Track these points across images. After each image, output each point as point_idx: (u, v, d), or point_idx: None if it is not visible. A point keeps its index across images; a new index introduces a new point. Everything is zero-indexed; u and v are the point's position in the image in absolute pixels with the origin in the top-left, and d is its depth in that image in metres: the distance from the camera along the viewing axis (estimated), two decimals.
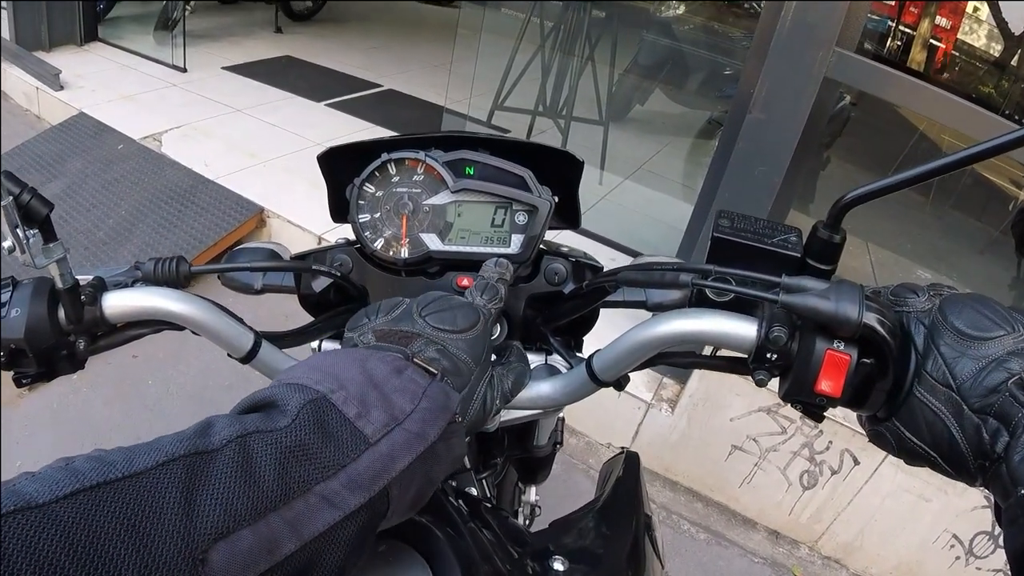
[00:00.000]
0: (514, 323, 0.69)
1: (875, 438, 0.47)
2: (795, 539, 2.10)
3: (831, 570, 2.04)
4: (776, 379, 0.49)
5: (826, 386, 0.44)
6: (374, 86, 4.64)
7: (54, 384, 0.58)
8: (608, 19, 3.80)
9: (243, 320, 0.59)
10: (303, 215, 2.83)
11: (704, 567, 1.98)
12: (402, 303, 0.53)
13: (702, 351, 0.59)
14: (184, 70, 4.33)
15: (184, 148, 3.32)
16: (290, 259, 0.69)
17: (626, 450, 0.83)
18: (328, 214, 0.72)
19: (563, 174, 0.67)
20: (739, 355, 0.50)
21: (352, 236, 0.68)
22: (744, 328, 0.47)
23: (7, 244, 0.49)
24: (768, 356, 0.47)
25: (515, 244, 0.66)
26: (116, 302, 0.54)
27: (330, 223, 0.75)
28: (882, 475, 1.88)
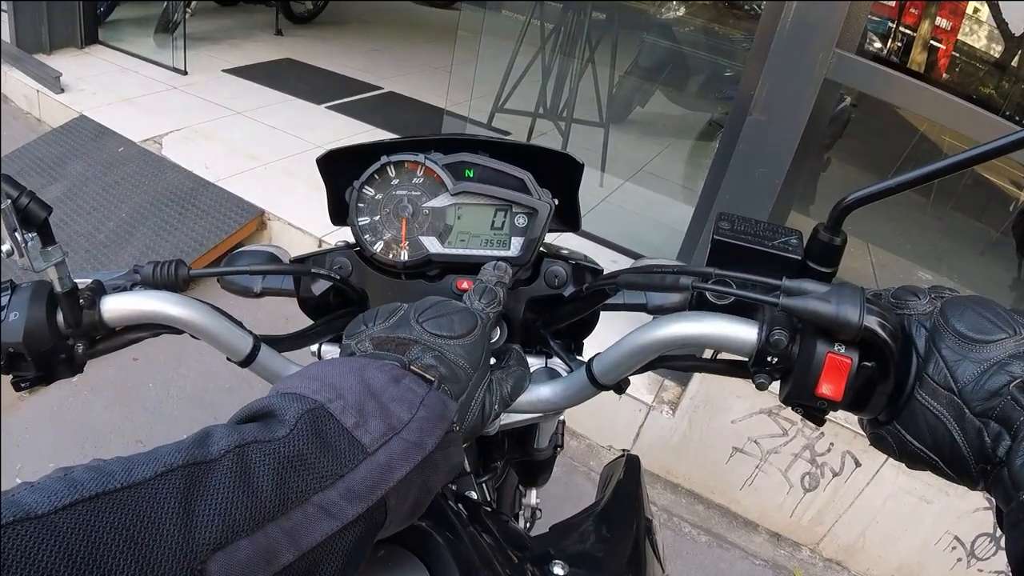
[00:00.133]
0: (514, 326, 0.69)
1: (876, 442, 0.47)
2: (796, 541, 2.09)
3: (832, 572, 2.04)
4: (777, 382, 0.49)
5: (827, 389, 0.44)
6: (374, 88, 4.64)
7: (54, 387, 0.58)
8: (608, 21, 3.80)
9: (242, 324, 0.59)
10: (304, 217, 2.83)
11: (705, 569, 1.98)
12: (400, 309, 0.53)
13: (702, 354, 0.58)
14: (184, 73, 4.34)
15: (185, 151, 3.32)
16: (289, 262, 0.69)
17: (627, 453, 0.82)
18: (328, 217, 0.72)
19: (563, 176, 0.67)
20: (740, 358, 0.50)
21: (352, 239, 0.68)
22: (745, 331, 0.47)
23: (6, 247, 0.49)
24: (769, 359, 0.46)
25: (515, 247, 0.66)
26: (115, 306, 0.54)
27: (331, 225, 0.75)
28: (883, 477, 1.88)
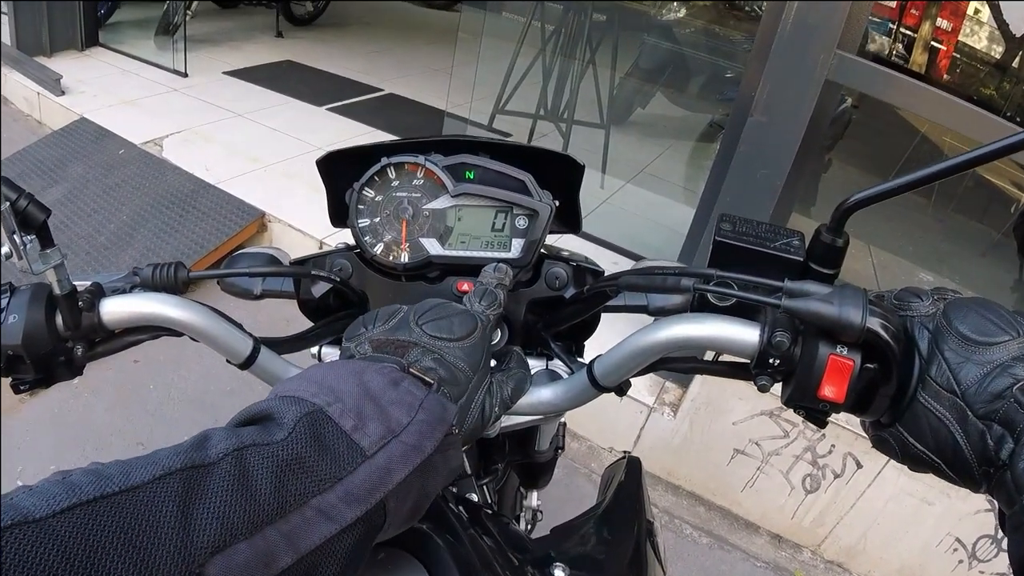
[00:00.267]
0: (515, 328, 0.69)
1: (879, 444, 0.47)
2: (798, 543, 2.09)
3: (833, 574, 2.03)
4: (779, 384, 0.49)
5: (829, 392, 0.44)
6: (375, 90, 4.65)
7: (55, 389, 0.58)
8: (609, 22, 3.80)
9: (242, 326, 0.59)
10: (304, 219, 2.83)
11: (707, 571, 1.97)
12: (399, 311, 0.52)
13: (704, 356, 0.58)
14: (185, 75, 4.34)
15: (185, 153, 3.32)
16: (289, 264, 0.69)
17: (628, 455, 0.82)
18: (328, 218, 0.72)
19: (564, 178, 0.66)
20: (741, 360, 0.50)
21: (352, 241, 0.68)
22: (746, 333, 0.47)
23: (4, 250, 0.49)
24: (771, 361, 0.46)
25: (515, 248, 0.66)
26: (114, 308, 0.54)
27: (331, 227, 0.75)
28: (885, 479, 1.88)
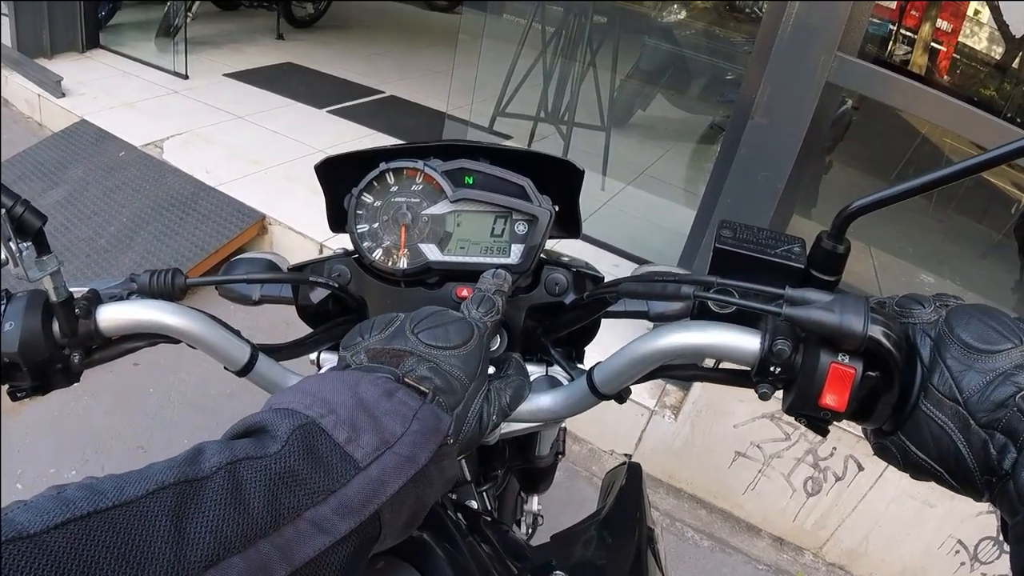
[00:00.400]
0: (514, 334, 0.69)
1: (880, 452, 0.46)
2: (799, 546, 2.09)
3: None
4: (780, 392, 0.48)
5: (831, 400, 0.43)
6: (376, 92, 4.65)
7: (54, 393, 0.58)
8: (609, 24, 3.81)
9: (240, 333, 0.59)
10: (305, 222, 2.83)
11: (708, 574, 1.97)
12: (396, 319, 0.52)
13: (704, 363, 0.58)
14: (186, 77, 4.34)
15: (186, 155, 3.32)
16: (288, 270, 0.68)
17: (628, 461, 0.82)
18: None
19: (563, 183, 0.66)
20: (742, 368, 0.50)
21: (351, 246, 0.67)
22: (747, 341, 0.47)
23: (0, 257, 0.49)
24: (771, 369, 0.46)
25: (515, 254, 0.66)
26: (111, 315, 0.54)
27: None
28: (886, 481, 1.87)
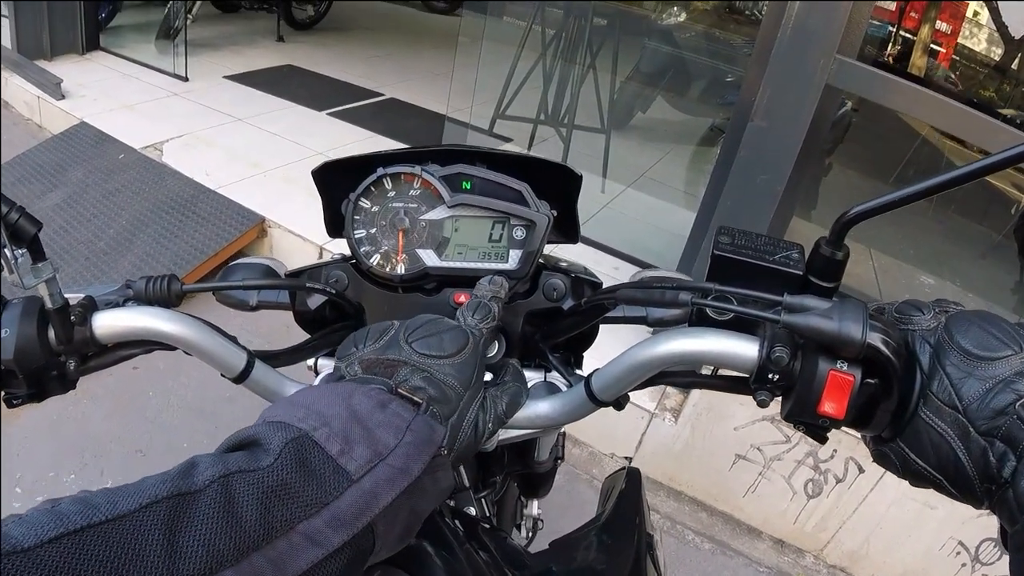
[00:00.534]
0: (512, 340, 0.68)
1: (879, 459, 0.46)
2: (800, 548, 2.08)
3: None
4: (778, 399, 0.48)
5: (829, 407, 0.43)
6: (376, 95, 4.65)
7: (53, 397, 0.58)
8: (609, 27, 3.80)
9: (236, 339, 0.58)
10: (304, 225, 2.83)
11: None
12: (390, 328, 0.52)
13: (702, 370, 0.58)
14: (186, 79, 4.34)
15: (185, 158, 3.32)
16: (285, 275, 0.68)
17: (628, 466, 0.81)
18: None
19: (561, 188, 0.66)
20: (740, 375, 0.49)
21: (348, 252, 0.67)
22: (745, 348, 0.46)
23: None
24: (770, 376, 0.46)
25: (513, 259, 0.65)
26: (106, 322, 0.54)
27: None
28: (887, 483, 1.87)
